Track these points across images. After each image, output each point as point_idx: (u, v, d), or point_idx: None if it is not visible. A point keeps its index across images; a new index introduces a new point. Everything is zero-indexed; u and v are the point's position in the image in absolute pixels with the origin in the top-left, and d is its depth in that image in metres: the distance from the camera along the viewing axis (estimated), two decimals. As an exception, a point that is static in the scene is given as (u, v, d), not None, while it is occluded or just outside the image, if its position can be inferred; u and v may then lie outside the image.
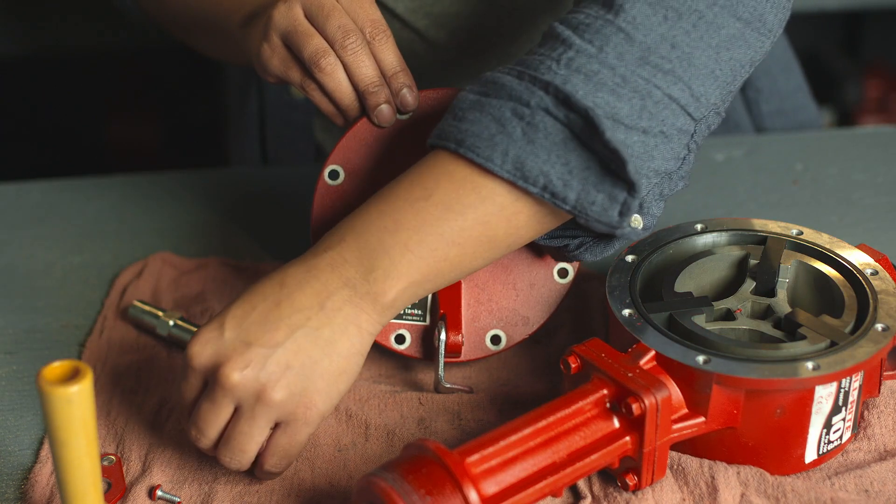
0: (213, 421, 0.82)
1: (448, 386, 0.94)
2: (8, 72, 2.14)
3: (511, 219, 0.85)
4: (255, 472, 0.86)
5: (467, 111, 0.85)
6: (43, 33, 1.87)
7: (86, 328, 1.05)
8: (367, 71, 0.93)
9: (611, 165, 0.82)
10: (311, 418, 0.82)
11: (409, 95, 0.94)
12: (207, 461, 0.89)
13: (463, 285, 0.96)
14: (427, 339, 0.96)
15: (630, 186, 0.82)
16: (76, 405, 0.71)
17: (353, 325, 0.83)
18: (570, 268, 0.96)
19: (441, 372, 0.94)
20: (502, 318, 0.96)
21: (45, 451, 0.90)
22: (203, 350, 0.81)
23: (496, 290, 0.95)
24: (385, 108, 0.94)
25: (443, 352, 0.94)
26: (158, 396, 0.95)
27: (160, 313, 1.02)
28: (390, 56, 0.93)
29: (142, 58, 2.23)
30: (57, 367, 0.72)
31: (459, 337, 0.94)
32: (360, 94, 0.94)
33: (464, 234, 0.84)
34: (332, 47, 0.92)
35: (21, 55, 1.90)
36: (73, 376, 0.71)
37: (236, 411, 0.82)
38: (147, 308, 1.03)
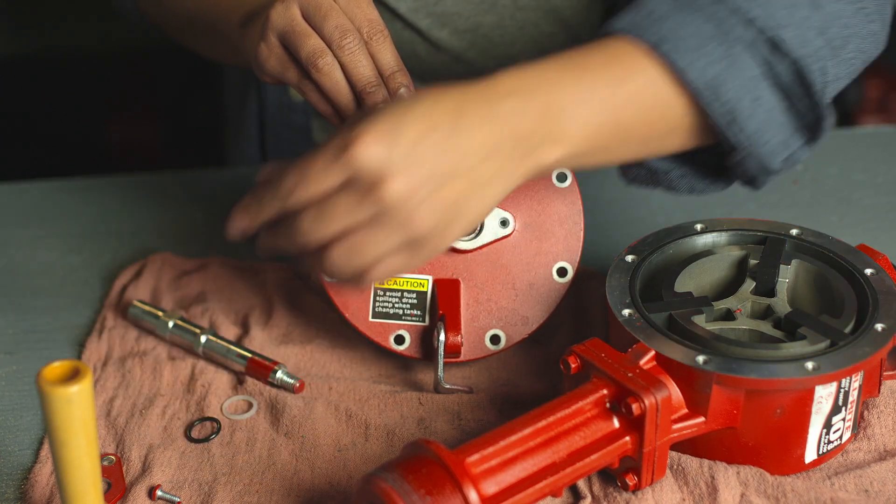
0: (345, 219, 0.78)
1: (448, 386, 0.94)
2: (8, 72, 2.14)
3: (675, 128, 0.85)
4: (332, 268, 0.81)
5: (667, 14, 0.83)
6: (43, 33, 1.88)
7: (85, 328, 1.05)
8: (364, 71, 0.92)
9: (803, 115, 0.85)
10: (433, 252, 0.80)
11: (406, 95, 0.94)
12: (207, 461, 0.89)
13: (462, 285, 0.96)
14: (426, 339, 0.96)
15: (812, 138, 0.84)
16: (76, 405, 0.71)
17: (503, 181, 0.80)
18: (570, 267, 0.96)
19: (440, 373, 0.94)
20: (501, 317, 0.96)
21: (45, 451, 0.90)
22: (372, 153, 0.76)
23: (495, 290, 0.96)
24: None
25: (442, 353, 0.94)
26: (159, 397, 0.95)
27: (160, 314, 1.02)
28: (388, 56, 0.93)
29: (142, 58, 2.23)
30: (57, 367, 0.72)
31: (458, 337, 0.94)
32: (357, 94, 0.93)
33: (633, 129, 0.84)
34: (330, 47, 0.92)
35: (21, 55, 1.90)
36: (72, 376, 0.71)
37: (373, 220, 0.78)
38: (147, 308, 1.03)
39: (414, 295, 0.96)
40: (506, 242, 0.96)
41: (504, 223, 0.95)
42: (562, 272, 0.96)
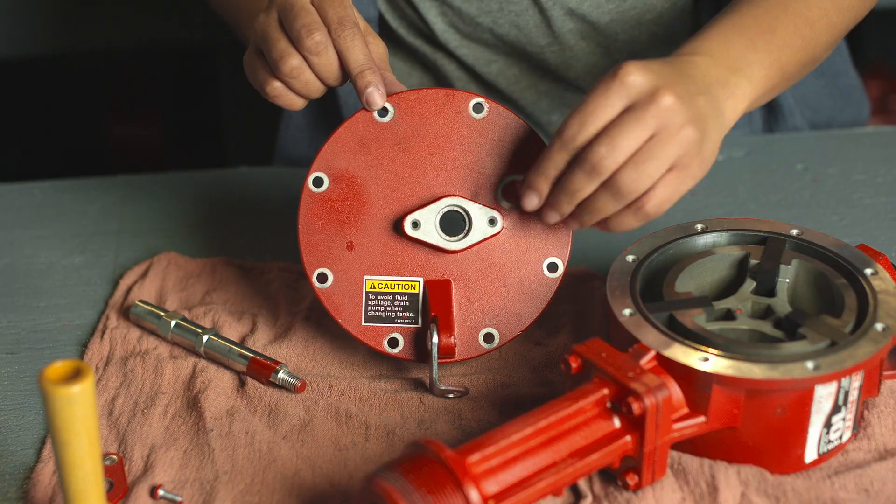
0: (633, 139, 0.84)
1: (443, 388, 0.94)
2: (9, 72, 2.14)
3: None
4: (613, 221, 0.89)
5: None
6: (42, 34, 1.88)
7: (87, 328, 1.05)
8: (329, 71, 0.93)
9: None
10: (695, 170, 0.87)
11: (375, 94, 0.94)
12: (209, 460, 0.89)
13: (453, 286, 0.96)
14: (420, 341, 0.96)
15: None
16: (78, 405, 0.71)
17: (723, 118, 0.90)
18: (560, 262, 0.95)
19: (435, 374, 0.94)
20: (494, 316, 0.96)
21: (47, 450, 0.91)
22: (641, 75, 0.85)
23: (486, 289, 0.95)
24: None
25: (436, 354, 0.94)
26: (160, 396, 0.96)
27: (162, 314, 1.02)
28: (355, 53, 0.93)
29: (143, 57, 2.23)
30: (59, 367, 0.72)
31: (452, 338, 0.94)
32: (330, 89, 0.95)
33: (794, 64, 0.98)
34: (297, 48, 0.92)
35: (22, 56, 1.90)
36: (74, 376, 0.71)
37: (649, 140, 0.85)
38: (149, 308, 1.03)
39: (406, 297, 0.96)
40: (495, 241, 0.96)
41: (492, 222, 0.95)
42: (552, 267, 0.96)
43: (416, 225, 0.95)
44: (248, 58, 0.96)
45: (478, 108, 0.95)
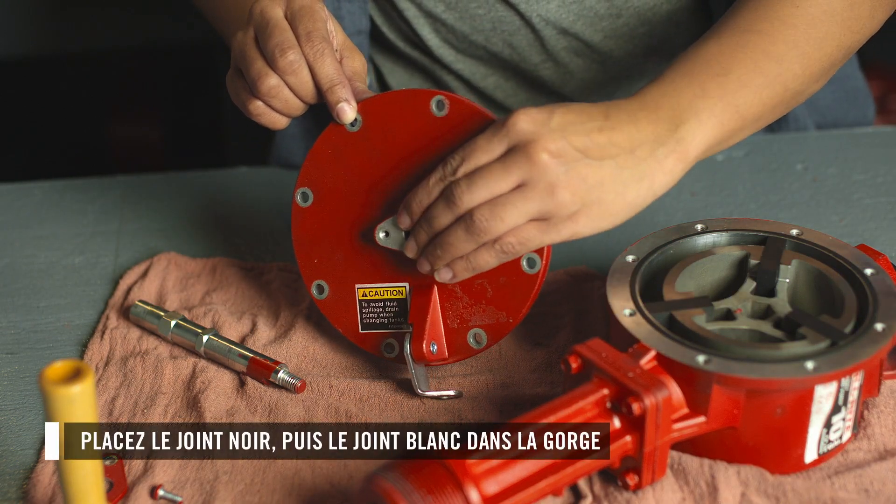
0: (495, 184, 0.85)
1: (428, 394, 0.94)
2: (9, 72, 2.14)
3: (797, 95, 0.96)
4: (468, 260, 0.88)
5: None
6: (44, 34, 1.88)
7: (87, 328, 1.05)
8: (305, 89, 0.93)
9: None
10: (564, 231, 0.86)
11: (345, 108, 0.94)
12: (209, 460, 0.89)
13: (437, 290, 0.95)
14: None
15: None
16: (78, 405, 0.71)
17: (648, 180, 0.87)
18: (538, 258, 0.93)
19: (414, 381, 0.94)
20: (480, 316, 0.95)
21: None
22: (527, 123, 0.85)
23: (470, 290, 0.95)
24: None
25: (410, 363, 0.94)
26: (160, 396, 0.96)
27: (162, 314, 1.02)
28: (325, 69, 0.93)
29: (143, 57, 2.23)
30: (59, 367, 0.72)
31: (425, 346, 0.93)
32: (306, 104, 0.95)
33: (757, 105, 0.92)
34: (272, 67, 0.92)
35: (23, 56, 1.90)
36: (74, 376, 0.71)
37: (520, 184, 0.85)
38: (149, 308, 1.03)
39: (395, 303, 0.96)
40: None
41: None
42: (531, 263, 0.94)
43: (387, 234, 0.94)
44: (229, 77, 0.96)
45: (440, 105, 0.93)
